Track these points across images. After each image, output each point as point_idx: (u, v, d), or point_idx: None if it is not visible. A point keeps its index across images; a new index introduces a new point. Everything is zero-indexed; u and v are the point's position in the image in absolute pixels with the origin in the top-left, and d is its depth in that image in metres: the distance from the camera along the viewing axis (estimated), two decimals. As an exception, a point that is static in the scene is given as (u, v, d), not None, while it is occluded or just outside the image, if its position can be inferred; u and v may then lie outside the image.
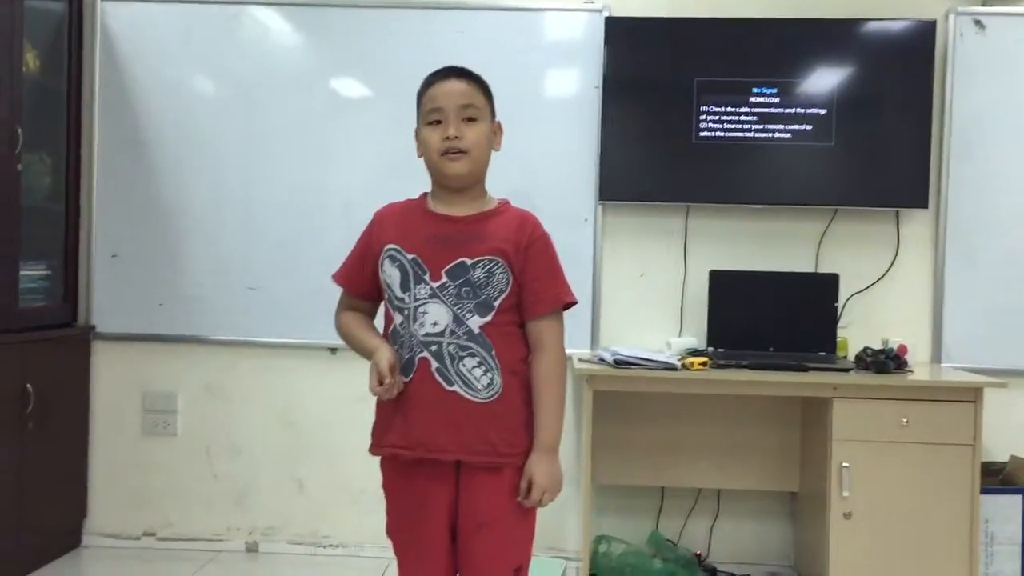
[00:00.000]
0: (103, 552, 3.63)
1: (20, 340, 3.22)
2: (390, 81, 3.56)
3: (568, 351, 3.31)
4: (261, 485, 3.68)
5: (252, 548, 3.67)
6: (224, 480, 3.69)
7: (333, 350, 3.58)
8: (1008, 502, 3.29)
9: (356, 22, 3.59)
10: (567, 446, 3.56)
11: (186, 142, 3.64)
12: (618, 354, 3.16)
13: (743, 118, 3.47)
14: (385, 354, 1.93)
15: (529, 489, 1.96)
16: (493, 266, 1.95)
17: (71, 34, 3.58)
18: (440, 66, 2.02)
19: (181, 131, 3.64)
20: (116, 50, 3.64)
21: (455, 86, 1.98)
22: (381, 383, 1.91)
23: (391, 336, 2.01)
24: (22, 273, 3.32)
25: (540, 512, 2.04)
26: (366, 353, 2.00)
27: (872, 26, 3.47)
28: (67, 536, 3.62)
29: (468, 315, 1.94)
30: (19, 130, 3.20)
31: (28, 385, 3.22)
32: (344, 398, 3.59)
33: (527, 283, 1.97)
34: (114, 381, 3.69)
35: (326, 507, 3.66)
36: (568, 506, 3.52)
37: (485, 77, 2.04)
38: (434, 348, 1.94)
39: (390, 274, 1.98)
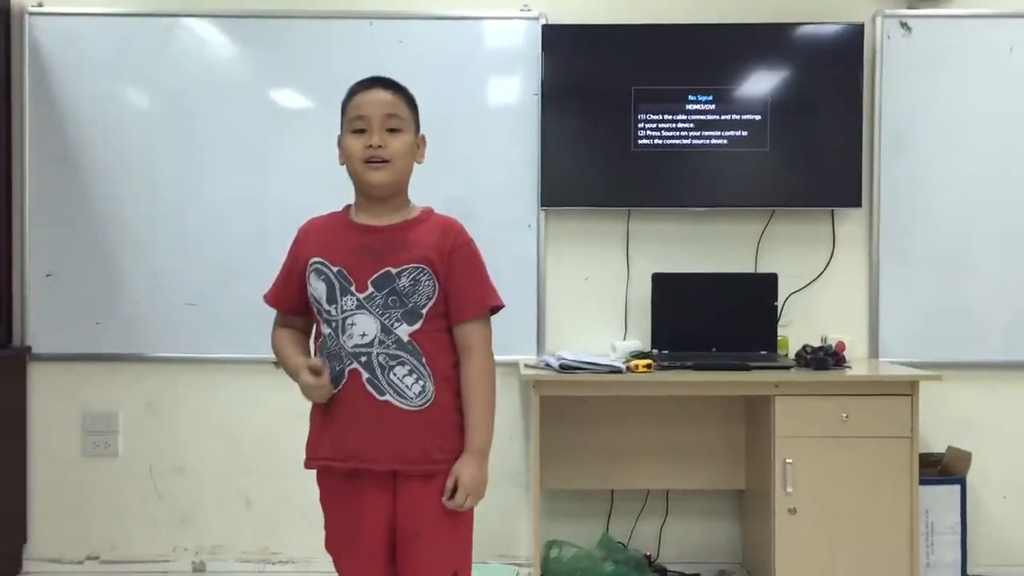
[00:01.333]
0: (45, 578, 3.56)
1: (-48, 363, 3.14)
2: (330, 92, 3.42)
3: (514, 357, 3.41)
4: (206, 503, 3.62)
5: (199, 568, 3.61)
6: (168, 500, 3.62)
7: (276, 364, 3.52)
8: (946, 492, 3.37)
9: (294, 33, 3.57)
10: (515, 452, 3.57)
11: (120, 157, 3.57)
12: (563, 359, 3.18)
13: (680, 125, 3.52)
14: (307, 362, 1.97)
15: (454, 490, 1.96)
16: (419, 274, 1.95)
17: (-2, 49, 3.51)
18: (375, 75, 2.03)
19: (115, 146, 3.57)
20: (46, 64, 3.56)
21: (380, 96, 1.99)
22: (316, 376, 1.93)
23: (321, 349, 2.02)
24: (-47, 294, 3.24)
25: (490, 519, 2.05)
26: (290, 371, 2.03)
27: (802, 30, 3.54)
28: (7, 562, 3.53)
29: (396, 324, 1.94)
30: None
31: (-39, 409, 3.15)
32: (289, 412, 3.46)
33: (452, 288, 1.98)
34: (52, 402, 3.61)
35: (274, 523, 3.61)
36: (518, 512, 3.54)
37: (426, 86, 2.04)
38: (364, 359, 1.94)
39: (317, 288, 1.99)
